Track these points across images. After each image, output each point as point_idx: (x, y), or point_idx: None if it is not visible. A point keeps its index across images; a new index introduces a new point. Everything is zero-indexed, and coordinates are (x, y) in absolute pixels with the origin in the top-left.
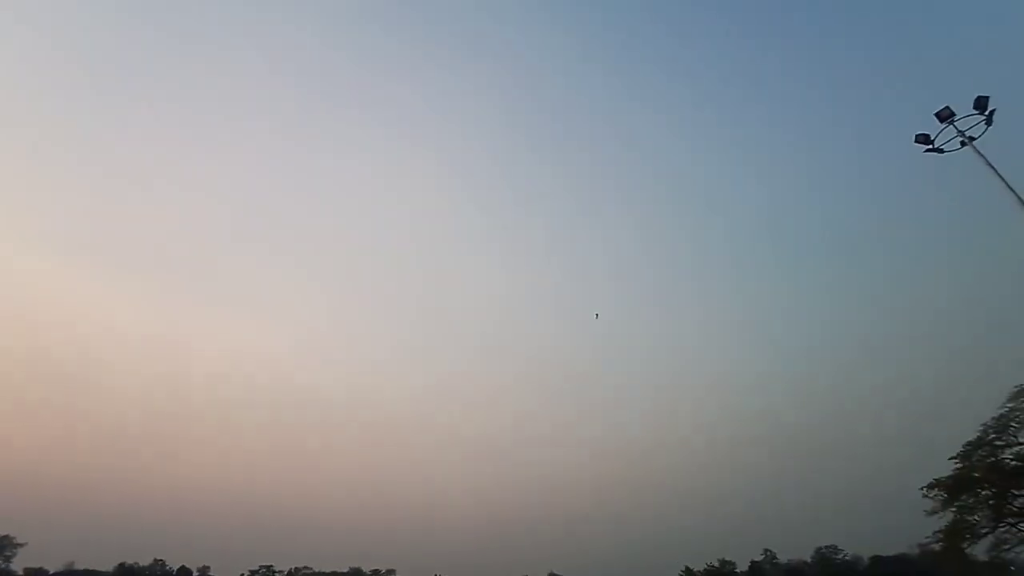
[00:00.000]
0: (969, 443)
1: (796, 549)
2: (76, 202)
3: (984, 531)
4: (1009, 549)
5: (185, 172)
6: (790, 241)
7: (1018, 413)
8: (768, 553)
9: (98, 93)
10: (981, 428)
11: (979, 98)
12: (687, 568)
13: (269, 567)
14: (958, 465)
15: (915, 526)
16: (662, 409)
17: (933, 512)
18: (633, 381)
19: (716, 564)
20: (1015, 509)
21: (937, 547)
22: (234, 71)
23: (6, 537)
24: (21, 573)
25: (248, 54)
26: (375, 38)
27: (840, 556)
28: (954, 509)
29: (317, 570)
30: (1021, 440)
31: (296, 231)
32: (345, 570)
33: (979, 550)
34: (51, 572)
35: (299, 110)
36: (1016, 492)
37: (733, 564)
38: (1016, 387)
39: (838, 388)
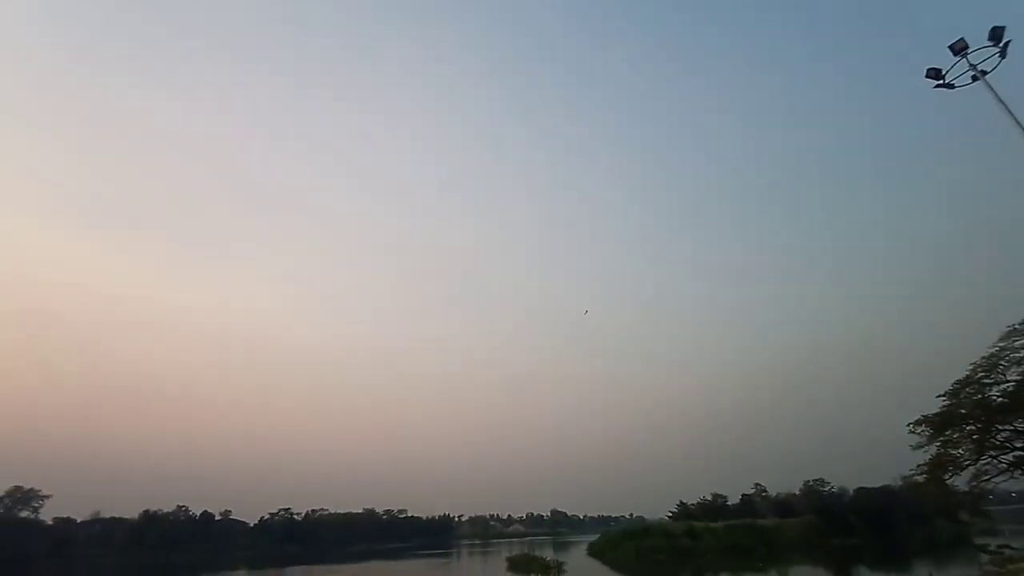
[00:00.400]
0: (958, 382)
1: (785, 483)
2: (73, 167)
3: (967, 463)
4: (989, 479)
5: (179, 134)
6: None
7: (1008, 352)
8: (758, 487)
9: (88, 57)
10: (970, 367)
11: (995, 28)
12: (681, 502)
13: (287, 510)
14: (946, 402)
15: (899, 462)
16: (655, 356)
17: (919, 447)
18: (626, 330)
19: (709, 498)
20: (997, 442)
21: (920, 479)
22: (225, 30)
23: (31, 490)
24: (51, 522)
25: (240, 16)
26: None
27: (827, 488)
28: (939, 443)
29: (333, 511)
30: (1009, 378)
31: (285, 192)
32: (359, 511)
33: (960, 481)
34: (79, 520)
35: (293, 67)
36: (1000, 427)
37: (725, 498)
38: (1008, 327)
39: (827, 332)
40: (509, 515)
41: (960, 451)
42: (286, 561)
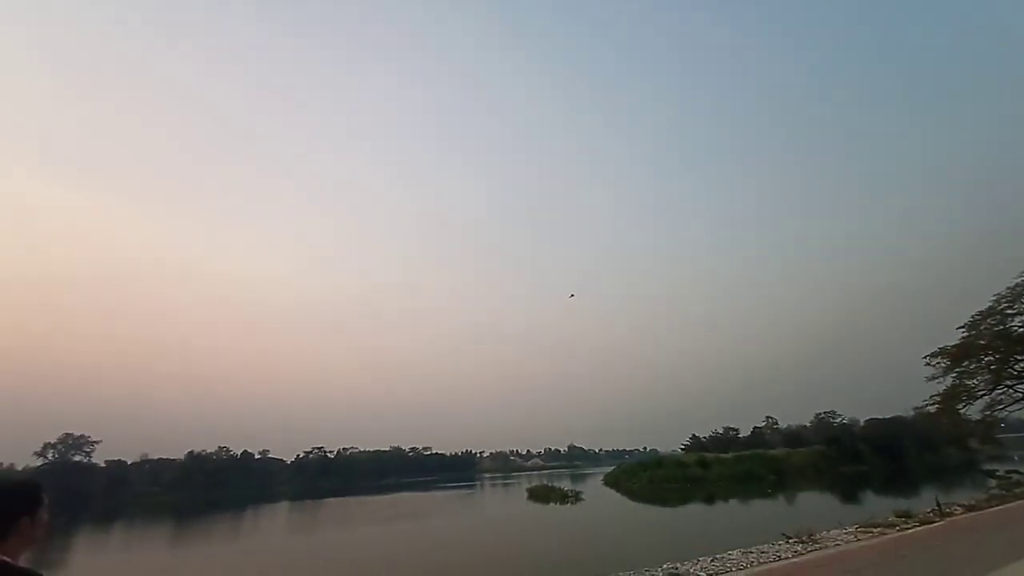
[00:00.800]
0: (979, 313)
1: (796, 417)
2: (92, 129)
3: (981, 393)
4: (1002, 408)
5: (193, 95)
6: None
7: None
8: (769, 420)
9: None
10: (994, 298)
11: None
12: (694, 435)
13: (321, 448)
14: (965, 334)
15: (911, 394)
16: (668, 298)
17: (934, 378)
18: (639, 275)
19: (720, 431)
20: (1015, 372)
21: (932, 409)
22: None
23: (82, 436)
24: (103, 464)
25: None
26: None
27: (837, 420)
28: (955, 374)
29: (362, 449)
30: None
31: (296, 153)
32: (387, 448)
33: (973, 410)
34: (129, 462)
35: (308, 24)
36: (1019, 357)
37: (736, 430)
38: None
39: (847, 271)
40: (528, 450)
41: (976, 381)
42: (323, 494)
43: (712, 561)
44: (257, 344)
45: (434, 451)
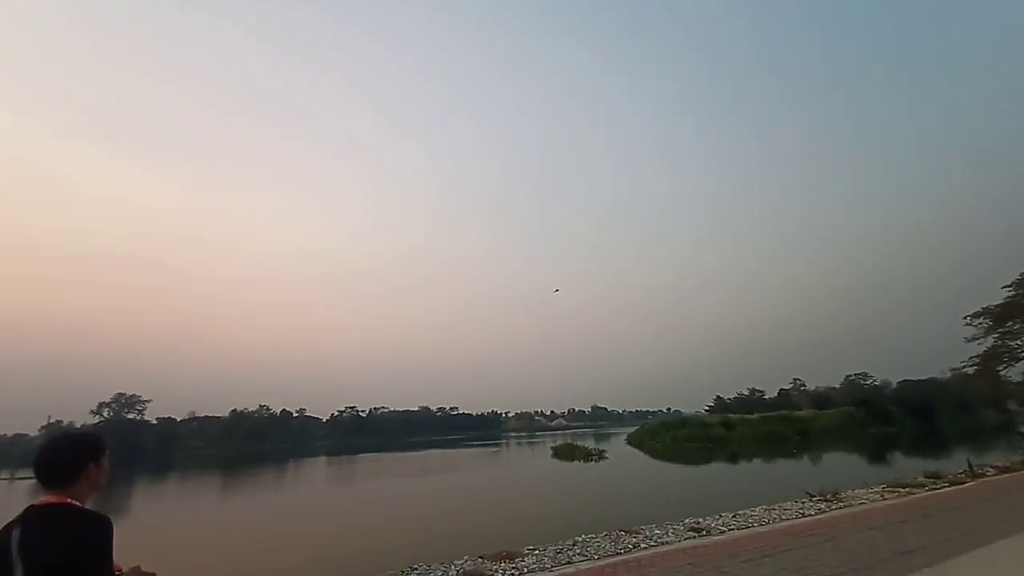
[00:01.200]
0: None
1: (826, 380)
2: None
3: None
4: None
5: (212, 53)
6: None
7: None
8: (797, 381)
9: None
10: None
11: None
12: (718, 396)
13: (353, 408)
14: (1011, 293)
15: (947, 357)
16: (688, 259)
17: (974, 339)
18: (649, 236)
19: (746, 392)
20: None
21: (970, 370)
22: None
23: (134, 396)
24: (155, 421)
25: None
26: None
27: (868, 382)
28: (997, 335)
29: (393, 409)
30: None
31: (321, 115)
32: (416, 408)
33: (1014, 372)
34: (178, 419)
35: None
36: None
37: (762, 392)
38: None
39: (871, 229)
40: (552, 411)
41: (1020, 342)
42: (357, 450)
43: (734, 517)
44: (294, 309)
45: (461, 411)
